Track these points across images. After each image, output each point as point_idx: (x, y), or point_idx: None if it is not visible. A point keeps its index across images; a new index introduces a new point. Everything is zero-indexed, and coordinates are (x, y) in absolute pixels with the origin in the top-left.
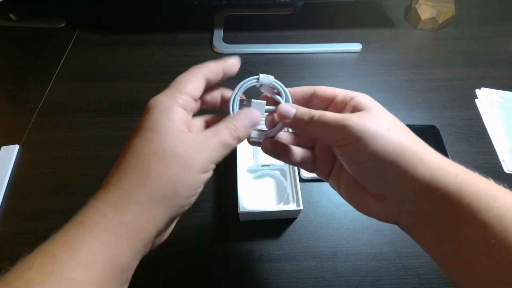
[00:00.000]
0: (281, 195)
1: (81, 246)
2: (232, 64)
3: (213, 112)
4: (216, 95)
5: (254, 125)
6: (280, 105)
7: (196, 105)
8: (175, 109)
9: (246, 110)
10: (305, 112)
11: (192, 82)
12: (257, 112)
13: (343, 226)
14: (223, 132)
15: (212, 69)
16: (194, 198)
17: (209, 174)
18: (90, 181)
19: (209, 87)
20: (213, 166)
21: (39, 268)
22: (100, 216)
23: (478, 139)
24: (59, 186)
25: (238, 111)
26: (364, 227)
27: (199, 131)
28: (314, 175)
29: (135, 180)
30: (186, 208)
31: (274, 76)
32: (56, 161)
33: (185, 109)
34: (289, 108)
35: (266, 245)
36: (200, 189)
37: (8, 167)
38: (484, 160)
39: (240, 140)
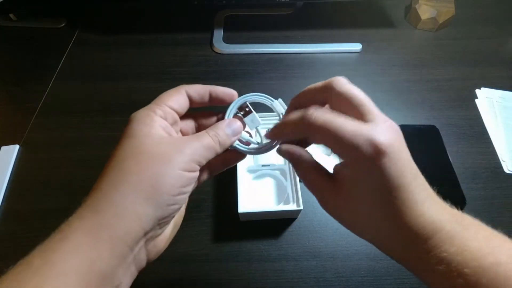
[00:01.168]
0: (281, 195)
1: (56, 253)
2: (223, 92)
3: None
4: (211, 119)
5: (235, 133)
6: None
7: (178, 119)
8: (153, 117)
9: (228, 120)
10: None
11: (173, 96)
12: (239, 123)
13: (343, 226)
14: (205, 136)
15: (196, 88)
16: (181, 198)
17: (195, 174)
18: (90, 181)
19: (207, 114)
20: (197, 167)
21: (13, 277)
22: (77, 220)
23: (478, 139)
24: (59, 186)
25: (221, 121)
26: None
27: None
28: None
29: (113, 180)
30: (174, 207)
31: (274, 77)
32: (56, 161)
33: (164, 118)
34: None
35: (266, 245)
36: (188, 188)
37: (8, 167)
38: (484, 160)
39: (222, 146)
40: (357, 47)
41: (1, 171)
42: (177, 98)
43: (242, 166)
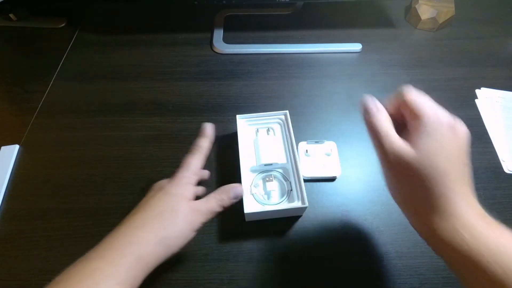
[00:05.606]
0: (285, 194)
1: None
2: (210, 129)
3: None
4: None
5: (237, 197)
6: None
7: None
8: (188, 186)
9: (233, 185)
10: None
11: (198, 164)
12: (241, 188)
13: (343, 226)
14: (212, 201)
15: (208, 148)
16: (177, 251)
17: (195, 233)
18: (90, 181)
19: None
20: (200, 226)
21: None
22: (129, 245)
23: (478, 139)
24: (59, 186)
25: (226, 185)
26: (364, 227)
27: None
28: (314, 175)
29: (156, 227)
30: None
31: (274, 77)
32: (56, 161)
33: (192, 183)
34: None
35: (268, 245)
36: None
37: (8, 167)
38: (484, 160)
39: (222, 207)
40: (357, 47)
41: (1, 171)
42: (200, 164)
43: (245, 166)
